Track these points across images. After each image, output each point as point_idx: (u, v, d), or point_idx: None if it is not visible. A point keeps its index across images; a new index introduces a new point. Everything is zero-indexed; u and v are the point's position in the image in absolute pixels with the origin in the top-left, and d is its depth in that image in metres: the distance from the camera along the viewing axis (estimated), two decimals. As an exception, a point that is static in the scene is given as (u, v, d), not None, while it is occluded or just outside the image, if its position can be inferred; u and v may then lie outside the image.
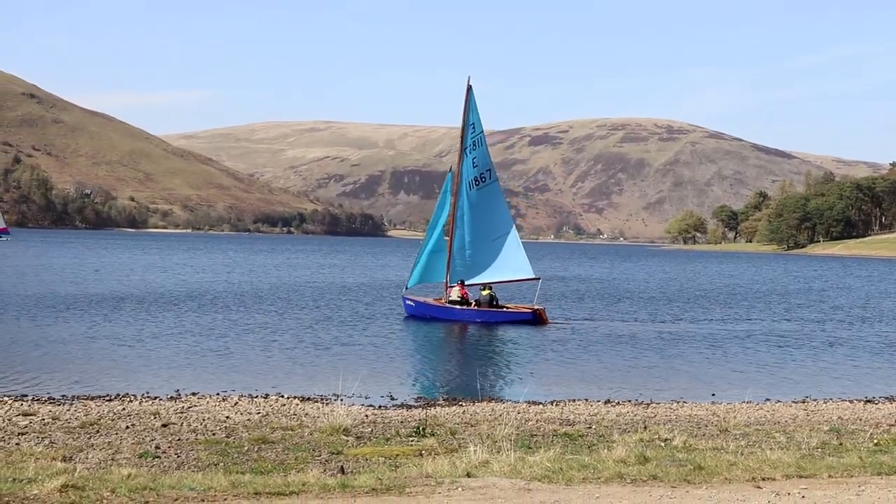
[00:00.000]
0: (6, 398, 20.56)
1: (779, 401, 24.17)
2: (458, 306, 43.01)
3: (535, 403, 22.20)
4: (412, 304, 44.90)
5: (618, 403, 22.84)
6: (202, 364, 28.53)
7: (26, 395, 21.36)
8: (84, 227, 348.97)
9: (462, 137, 44.95)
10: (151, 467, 13.46)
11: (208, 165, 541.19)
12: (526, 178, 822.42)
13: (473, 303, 43.15)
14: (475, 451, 13.59)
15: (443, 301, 43.97)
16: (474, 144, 44.55)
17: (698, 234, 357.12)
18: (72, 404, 20.02)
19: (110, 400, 20.91)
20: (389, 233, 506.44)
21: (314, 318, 43.43)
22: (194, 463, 13.96)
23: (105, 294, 52.69)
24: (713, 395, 25.44)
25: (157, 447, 15.04)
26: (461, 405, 21.79)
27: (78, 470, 11.79)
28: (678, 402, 23.30)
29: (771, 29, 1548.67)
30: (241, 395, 22.17)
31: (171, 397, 21.69)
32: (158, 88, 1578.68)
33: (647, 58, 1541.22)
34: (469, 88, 44.65)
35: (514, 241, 44.72)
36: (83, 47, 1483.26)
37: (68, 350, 30.28)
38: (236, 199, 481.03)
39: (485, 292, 43.35)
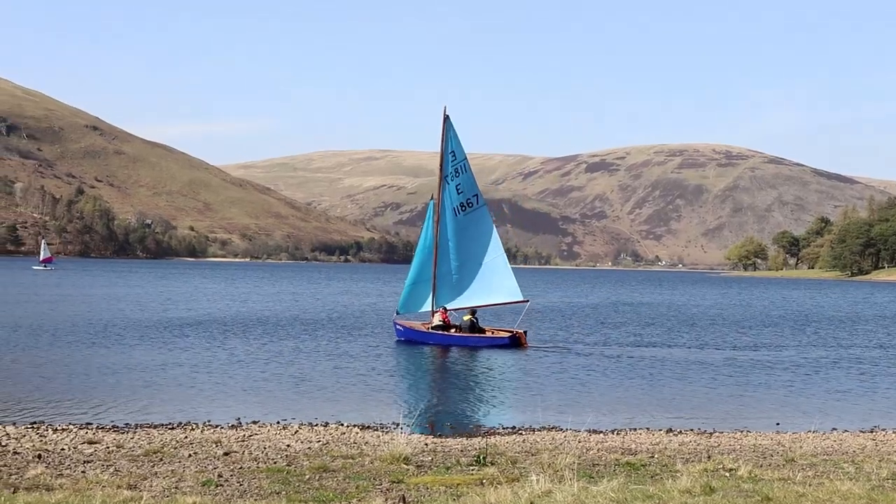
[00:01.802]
0: (71, 426, 20.82)
1: (846, 430, 23.70)
2: (440, 331, 43.87)
3: (595, 432, 22.01)
4: (401, 328, 45.93)
5: (680, 432, 22.56)
6: (262, 392, 28.64)
7: (91, 424, 21.59)
8: (145, 257, 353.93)
9: (441, 166, 45.99)
10: (215, 496, 13.52)
11: (266, 195, 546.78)
12: (583, 205, 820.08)
13: (455, 328, 44.09)
14: (537, 480, 13.46)
15: (428, 326, 44.80)
16: (456, 171, 45.60)
17: (759, 261, 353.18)
18: (135, 432, 20.20)
19: (173, 428, 21.08)
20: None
21: (367, 345, 43.47)
22: (256, 491, 13.99)
23: (165, 321, 53.23)
24: (778, 424, 25.01)
25: (220, 475, 15.09)
26: (521, 434, 21.67)
27: (144, 498, 11.89)
28: (742, 432, 22.94)
29: (832, 52, 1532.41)
30: (302, 424, 22.24)
31: (232, 425, 21.80)
32: (217, 119, 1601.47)
33: (704, 83, 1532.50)
34: (446, 118, 45.54)
35: (502, 265, 45.71)
36: (144, 80, 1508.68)
37: (130, 378, 30.56)
38: (294, 227, 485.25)
39: (466, 317, 44.12)
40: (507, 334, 43.67)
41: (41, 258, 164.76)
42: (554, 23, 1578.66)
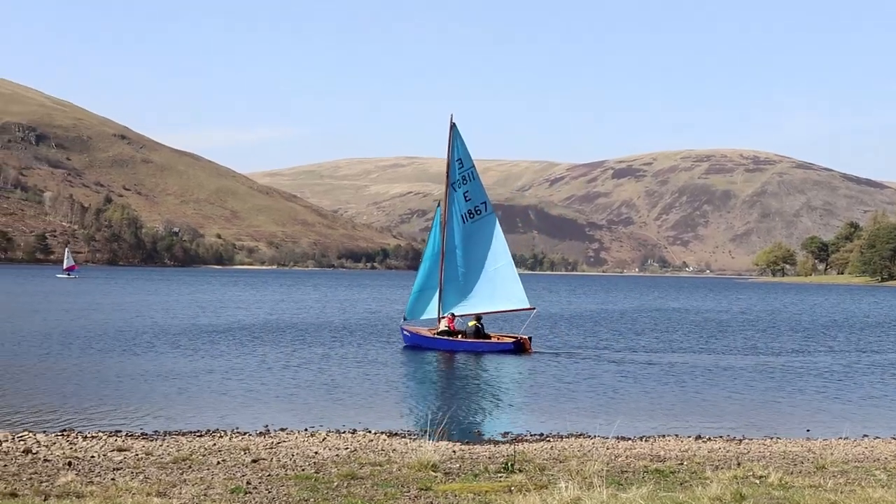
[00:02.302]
0: (101, 434, 20.93)
1: (877, 437, 23.50)
2: (446, 337, 44.30)
3: (624, 439, 21.93)
4: (408, 334, 46.34)
5: (709, 439, 22.44)
6: (290, 399, 28.72)
7: (120, 431, 21.71)
8: (172, 265, 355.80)
9: (448, 173, 46.42)
10: (244, 503, 13.56)
11: (293, 202, 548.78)
12: (609, 211, 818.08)
13: (460, 334, 44.54)
14: (566, 487, 13.41)
15: (434, 332, 45.15)
16: (464, 179, 45.94)
17: (787, 266, 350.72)
18: (164, 440, 20.29)
19: (201, 435, 21.15)
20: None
21: (394, 351, 43.52)
22: (285, 499, 14.00)
23: (193, 329, 53.50)
24: (808, 430, 24.83)
25: (248, 483, 15.12)
26: (549, 440, 21.61)
27: (173, 505, 11.90)
28: (772, 438, 22.79)
29: (859, 55, 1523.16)
30: (329, 431, 22.27)
31: (261, 433, 21.85)
32: (244, 127, 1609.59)
33: (731, 88, 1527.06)
34: (453, 126, 45.90)
35: (510, 272, 45.99)
36: (171, 89, 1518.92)
37: (158, 385, 30.73)
38: (320, 235, 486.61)
39: (471, 323, 44.48)
40: (512, 340, 44.00)
41: (65, 266, 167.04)
42: (579, 29, 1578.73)
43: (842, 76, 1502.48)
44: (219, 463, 17.07)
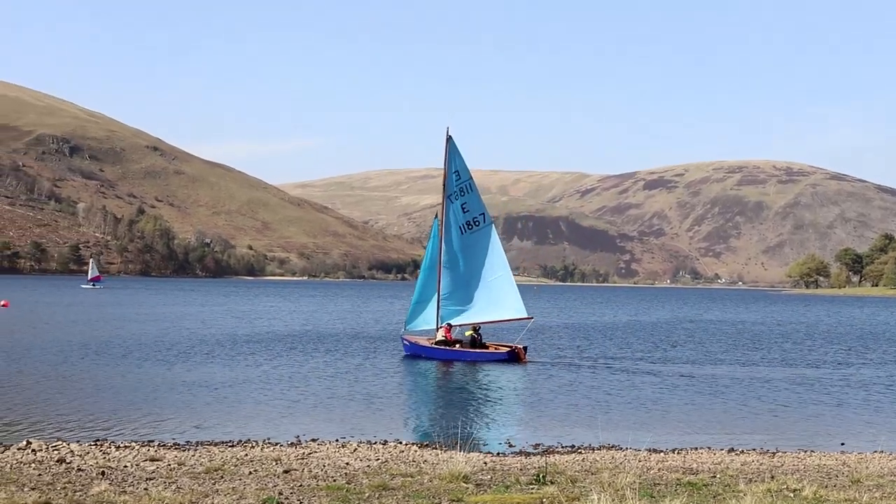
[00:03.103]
0: (134, 443, 21.05)
1: (913, 450, 23.20)
2: (443, 346, 45.03)
3: (656, 451, 21.81)
4: (408, 343, 47.05)
5: (742, 452, 22.28)
6: (321, 409, 28.77)
7: (153, 441, 21.82)
8: (204, 276, 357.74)
9: (444, 185, 46.98)
10: (275, 513, 13.57)
11: (324, 213, 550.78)
12: (640, 223, 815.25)
13: (457, 343, 45.29)
14: (598, 499, 13.34)
15: (432, 341, 45.89)
16: (461, 191, 46.60)
17: (821, 279, 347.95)
18: (196, 450, 20.37)
19: (233, 445, 21.23)
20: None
21: (421, 363, 43.55)
22: (316, 509, 14.03)
23: (225, 338, 53.75)
24: (843, 444, 24.59)
25: (280, 493, 15.15)
26: (580, 452, 21.51)
27: (204, 515, 11.93)
28: (806, 451, 22.58)
29: (894, 65, 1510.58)
30: (360, 442, 22.28)
31: (292, 443, 21.90)
32: (275, 138, 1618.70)
33: (763, 99, 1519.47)
34: (449, 139, 46.56)
35: (508, 282, 46.68)
36: (203, 101, 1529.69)
37: (191, 395, 30.87)
38: (351, 246, 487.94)
39: (468, 333, 45.39)
40: (507, 349, 44.69)
41: (89, 277, 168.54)
42: (610, 40, 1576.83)
43: (876, 87, 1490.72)
44: (251, 473, 17.11)
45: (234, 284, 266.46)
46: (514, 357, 43.94)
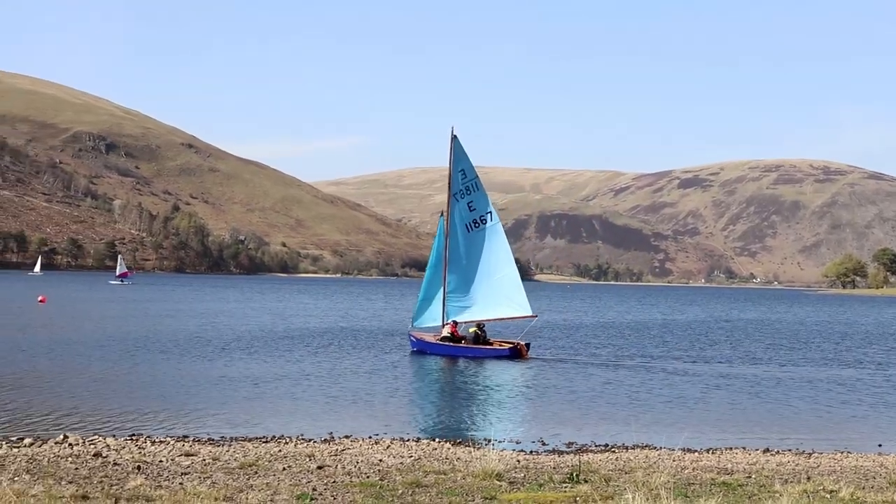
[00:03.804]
0: (169, 438, 21.20)
1: (952, 452, 22.92)
2: (448, 342, 45.56)
3: (690, 451, 21.67)
4: (414, 340, 47.79)
5: (777, 452, 22.10)
6: (353, 406, 28.80)
7: (187, 436, 21.96)
8: (238, 272, 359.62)
9: (450, 184, 47.37)
10: (309, 509, 13.61)
11: (357, 211, 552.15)
12: (675, 222, 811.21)
13: (462, 340, 45.77)
14: (632, 499, 13.27)
15: (437, 337, 46.47)
16: (467, 189, 47.00)
17: (858, 279, 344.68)
18: (230, 445, 20.47)
19: (267, 441, 21.31)
20: (536, 277, 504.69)
21: (461, 364, 43.56)
22: (350, 505, 14.06)
23: (259, 335, 53.97)
24: (880, 445, 24.32)
25: (314, 489, 15.20)
26: (614, 451, 21.43)
27: (239, 510, 11.98)
28: (842, 453, 22.36)
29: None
30: (393, 439, 22.31)
31: (325, 440, 21.96)
32: (309, 136, 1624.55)
33: (800, 98, 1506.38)
34: (454, 138, 46.90)
35: (513, 280, 47.13)
36: (238, 98, 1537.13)
37: (225, 391, 31.02)
38: (384, 244, 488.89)
39: (472, 329, 45.90)
40: (509, 346, 45.13)
41: (117, 273, 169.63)
42: (644, 39, 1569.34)
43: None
44: (284, 469, 17.18)
45: (268, 281, 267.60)
46: (516, 353, 44.34)
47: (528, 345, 45.39)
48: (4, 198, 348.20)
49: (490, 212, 47.39)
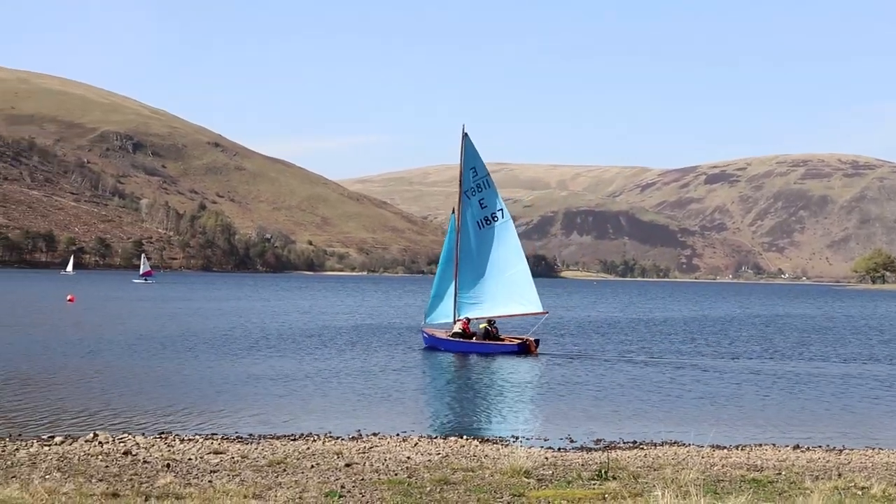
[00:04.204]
0: (198, 436, 21.29)
1: None
2: (460, 339, 45.81)
3: (719, 447, 21.56)
4: (427, 336, 48.06)
5: (808, 449, 21.95)
6: (381, 404, 28.82)
7: (216, 434, 22.04)
8: (265, 271, 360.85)
9: (461, 181, 47.60)
10: (338, 506, 13.62)
11: (383, 209, 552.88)
12: (702, 217, 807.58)
13: (473, 336, 45.85)
14: (661, 495, 13.21)
15: (449, 333, 46.69)
16: (479, 187, 47.20)
17: (888, 274, 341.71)
18: (259, 443, 20.54)
19: (295, 439, 21.36)
20: (562, 273, 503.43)
21: (489, 361, 43.55)
22: (379, 503, 14.07)
23: (286, 333, 54.14)
24: (912, 441, 24.12)
25: (343, 486, 15.23)
26: (642, 448, 21.35)
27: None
28: (874, 449, 22.18)
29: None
30: (421, 436, 22.32)
31: (353, 437, 21.99)
32: (334, 134, 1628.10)
33: (829, 90, 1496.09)
34: (465, 136, 47.04)
35: (525, 277, 47.12)
36: (264, 97, 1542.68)
37: (253, 389, 31.11)
38: (410, 241, 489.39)
39: (482, 326, 46.13)
40: (518, 342, 45.27)
41: (141, 272, 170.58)
42: (672, 35, 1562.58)
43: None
44: (313, 467, 17.22)
45: (295, 279, 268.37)
46: (524, 349, 44.47)
47: (537, 341, 45.51)
48: (33, 197, 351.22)
49: (501, 209, 47.50)
